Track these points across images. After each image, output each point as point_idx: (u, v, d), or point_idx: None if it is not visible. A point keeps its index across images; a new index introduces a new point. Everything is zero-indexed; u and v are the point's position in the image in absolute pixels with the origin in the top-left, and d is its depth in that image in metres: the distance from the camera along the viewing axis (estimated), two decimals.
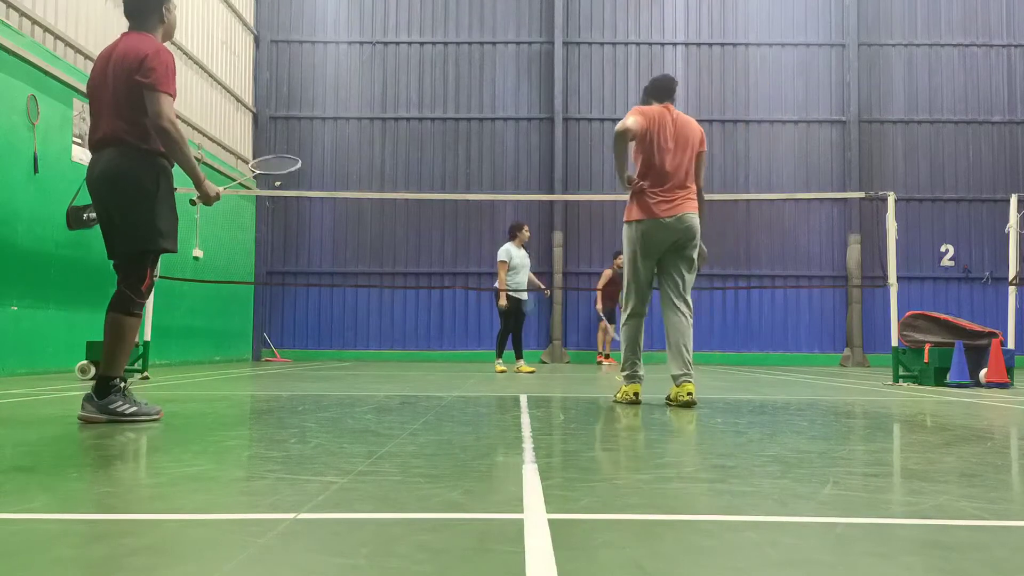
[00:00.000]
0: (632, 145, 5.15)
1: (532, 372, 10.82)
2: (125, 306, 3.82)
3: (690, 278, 5.25)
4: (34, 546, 1.60)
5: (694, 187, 5.25)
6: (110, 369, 3.80)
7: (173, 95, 3.75)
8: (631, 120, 5.01)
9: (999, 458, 2.98)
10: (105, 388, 3.76)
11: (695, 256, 5.27)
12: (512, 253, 10.88)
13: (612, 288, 14.02)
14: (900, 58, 16.72)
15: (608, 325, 14.42)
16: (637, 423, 4.09)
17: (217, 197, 4.15)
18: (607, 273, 14.46)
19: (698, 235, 5.24)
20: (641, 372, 5.24)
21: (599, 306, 14.72)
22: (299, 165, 6.04)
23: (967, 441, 3.41)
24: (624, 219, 5.28)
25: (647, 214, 5.10)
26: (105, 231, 3.91)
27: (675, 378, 5.03)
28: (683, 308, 5.17)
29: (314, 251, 16.50)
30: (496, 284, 10.97)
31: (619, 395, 5.29)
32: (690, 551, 1.60)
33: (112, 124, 3.79)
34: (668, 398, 5.14)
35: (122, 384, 3.82)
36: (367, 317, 16.37)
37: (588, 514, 1.94)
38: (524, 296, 11.04)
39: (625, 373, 5.25)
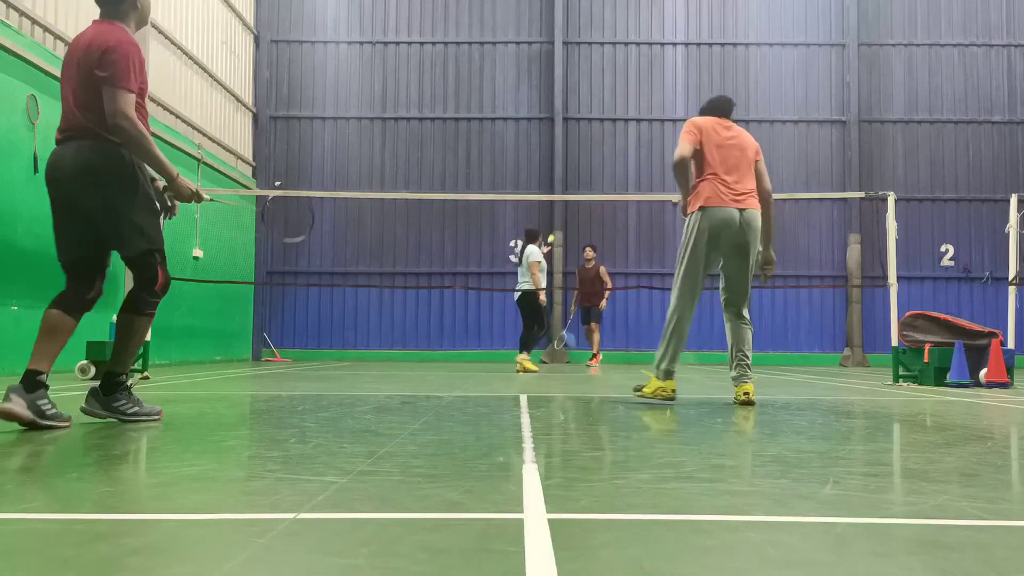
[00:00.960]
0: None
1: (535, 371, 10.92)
2: (138, 306, 3.75)
3: (749, 282, 5.21)
4: (34, 546, 1.60)
5: (756, 191, 5.23)
6: (118, 366, 3.77)
7: (132, 91, 3.55)
8: (681, 147, 5.11)
9: (999, 458, 2.98)
10: (112, 385, 3.73)
11: (753, 261, 5.20)
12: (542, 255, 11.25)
13: (582, 288, 13.61)
14: (900, 58, 16.72)
15: (595, 326, 13.89)
16: (637, 423, 4.09)
17: (196, 196, 3.95)
18: (578, 272, 14.09)
19: (759, 237, 5.19)
20: (670, 367, 5.08)
21: (571, 308, 14.21)
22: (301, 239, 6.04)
23: (967, 441, 3.41)
24: (693, 210, 5.15)
25: (716, 202, 5.05)
26: (67, 229, 3.66)
27: (733, 380, 5.17)
28: (743, 314, 5.22)
29: (314, 251, 16.50)
30: (529, 284, 11.03)
31: (650, 390, 5.08)
32: (690, 551, 1.60)
33: (83, 117, 3.58)
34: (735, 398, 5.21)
35: (128, 382, 3.80)
36: (367, 317, 16.37)
37: (588, 514, 1.94)
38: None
39: (663, 368, 5.07)
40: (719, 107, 5.39)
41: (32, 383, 3.44)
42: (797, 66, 16.70)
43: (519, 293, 11.21)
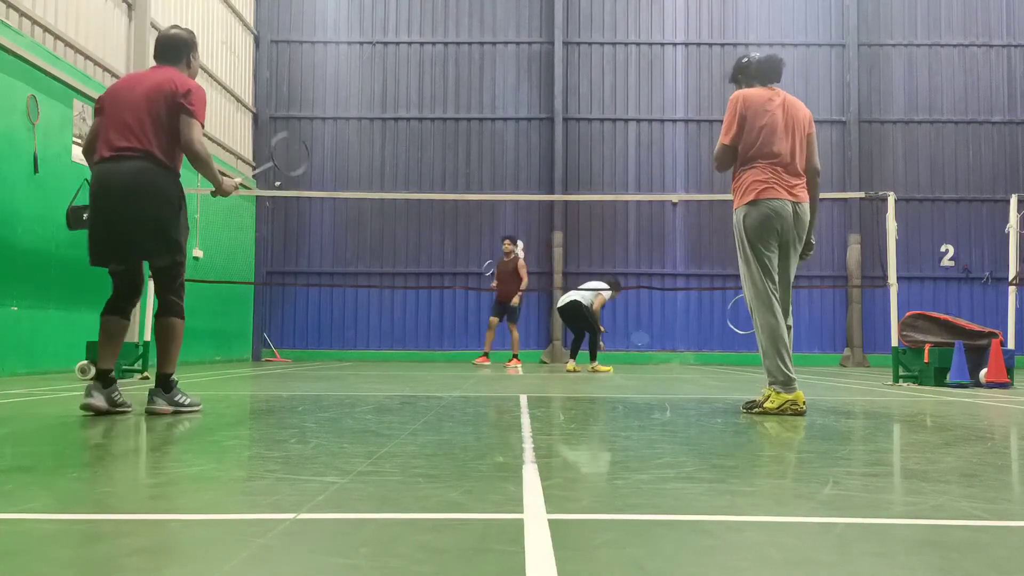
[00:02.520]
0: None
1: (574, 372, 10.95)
2: (178, 310, 4.27)
3: (791, 280, 4.78)
4: (34, 546, 1.60)
5: (804, 177, 4.73)
6: (168, 367, 4.22)
7: (203, 125, 4.27)
8: (722, 154, 4.66)
9: (999, 458, 2.97)
10: (168, 384, 4.19)
11: (797, 256, 4.81)
12: None
13: (501, 284, 12.63)
14: (900, 58, 16.72)
15: (494, 320, 12.92)
16: (636, 424, 4.08)
17: (235, 189, 4.76)
18: (498, 267, 12.98)
19: (805, 230, 4.75)
20: (793, 375, 4.53)
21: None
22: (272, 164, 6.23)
23: (967, 441, 3.41)
24: (738, 204, 4.66)
25: (770, 193, 4.54)
26: (110, 240, 4.19)
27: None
28: (786, 311, 4.74)
29: (314, 251, 16.50)
30: (585, 297, 11.35)
31: (774, 405, 4.47)
32: (690, 551, 1.60)
33: (146, 140, 4.12)
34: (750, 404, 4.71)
35: (176, 380, 4.26)
36: (367, 317, 16.37)
37: (588, 514, 1.94)
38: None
39: (780, 380, 4.51)
40: (771, 70, 4.74)
41: (106, 380, 4.13)
42: (797, 66, 16.69)
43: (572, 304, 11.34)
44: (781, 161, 4.60)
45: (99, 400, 4.06)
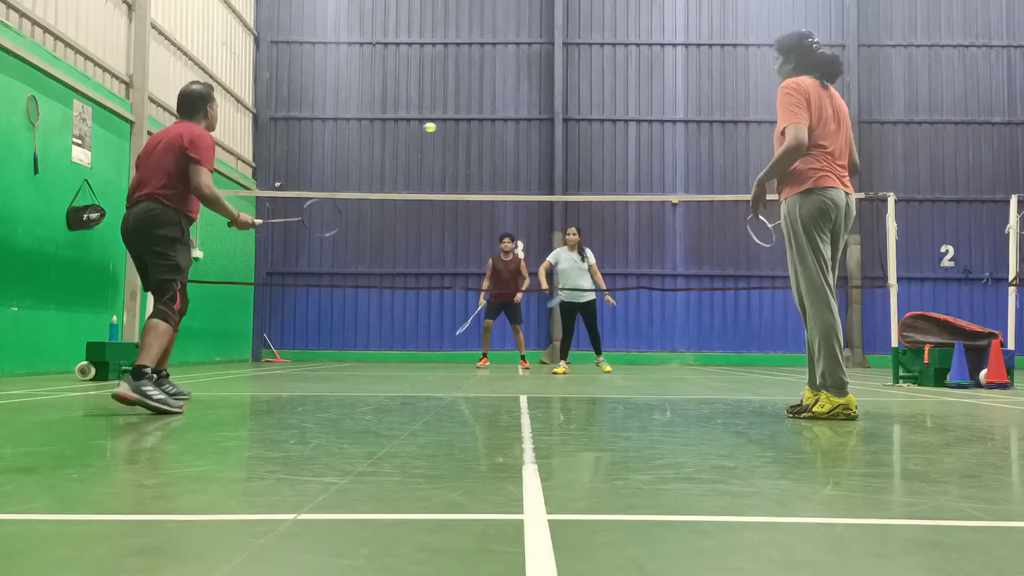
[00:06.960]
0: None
1: (562, 373, 10.76)
2: (162, 314, 4.66)
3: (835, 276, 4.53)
4: (34, 546, 1.60)
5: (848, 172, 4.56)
6: (141, 359, 4.44)
7: (211, 169, 4.78)
8: (798, 130, 4.29)
9: (999, 459, 2.97)
10: (139, 373, 4.36)
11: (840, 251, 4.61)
12: (559, 256, 11.10)
13: (495, 281, 12.05)
14: (900, 59, 16.73)
15: (490, 323, 12.35)
16: (636, 424, 4.08)
17: (251, 224, 5.31)
18: (491, 263, 12.15)
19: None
20: (847, 378, 4.34)
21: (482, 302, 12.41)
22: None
23: (967, 442, 3.41)
24: (794, 192, 4.38)
25: (829, 182, 4.33)
26: (143, 271, 4.89)
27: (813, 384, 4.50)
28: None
29: (314, 251, 16.50)
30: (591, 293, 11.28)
31: (825, 410, 4.29)
32: (690, 551, 1.60)
33: (154, 185, 4.72)
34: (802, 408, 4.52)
35: (155, 376, 4.47)
36: (367, 317, 16.37)
37: (588, 514, 1.94)
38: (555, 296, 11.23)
39: (831, 383, 4.32)
40: (833, 73, 4.50)
41: (159, 378, 4.74)
42: None
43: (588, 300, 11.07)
44: (833, 152, 4.44)
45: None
